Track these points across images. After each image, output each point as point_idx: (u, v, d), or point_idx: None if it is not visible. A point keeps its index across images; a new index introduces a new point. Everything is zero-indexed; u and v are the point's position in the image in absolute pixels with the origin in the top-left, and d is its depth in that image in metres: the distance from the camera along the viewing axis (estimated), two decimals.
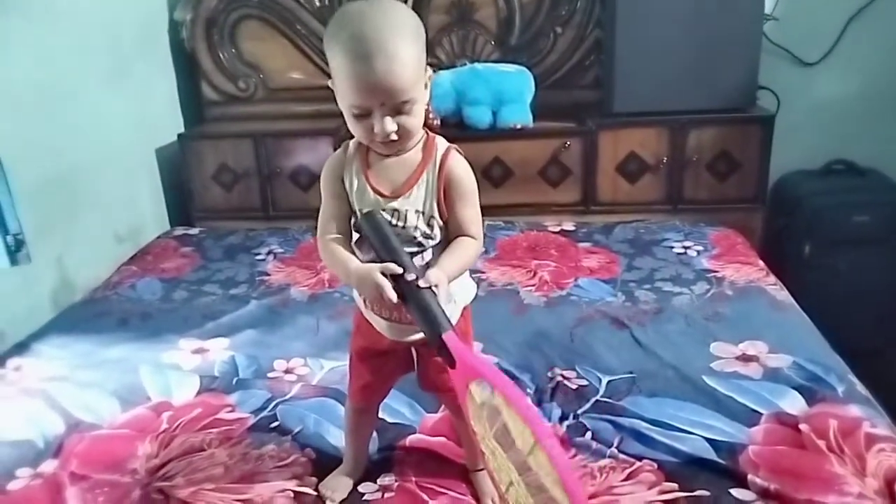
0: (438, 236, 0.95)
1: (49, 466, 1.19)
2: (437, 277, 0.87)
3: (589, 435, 1.21)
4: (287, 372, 1.46)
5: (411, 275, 0.86)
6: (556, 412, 1.28)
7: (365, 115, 0.87)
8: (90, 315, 1.77)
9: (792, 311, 1.67)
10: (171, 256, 2.14)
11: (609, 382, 1.37)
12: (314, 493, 1.10)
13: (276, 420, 1.29)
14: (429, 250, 0.95)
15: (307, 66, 2.48)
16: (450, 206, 0.93)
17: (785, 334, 1.53)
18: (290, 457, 1.19)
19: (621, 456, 1.16)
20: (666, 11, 2.09)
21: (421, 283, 0.85)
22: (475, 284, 1.06)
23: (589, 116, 2.26)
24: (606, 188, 2.26)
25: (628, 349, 1.50)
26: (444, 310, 0.86)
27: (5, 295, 1.67)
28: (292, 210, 2.35)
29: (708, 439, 1.18)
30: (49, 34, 1.85)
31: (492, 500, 1.07)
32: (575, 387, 1.35)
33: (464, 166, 0.95)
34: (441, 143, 0.95)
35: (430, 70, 0.90)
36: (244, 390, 1.39)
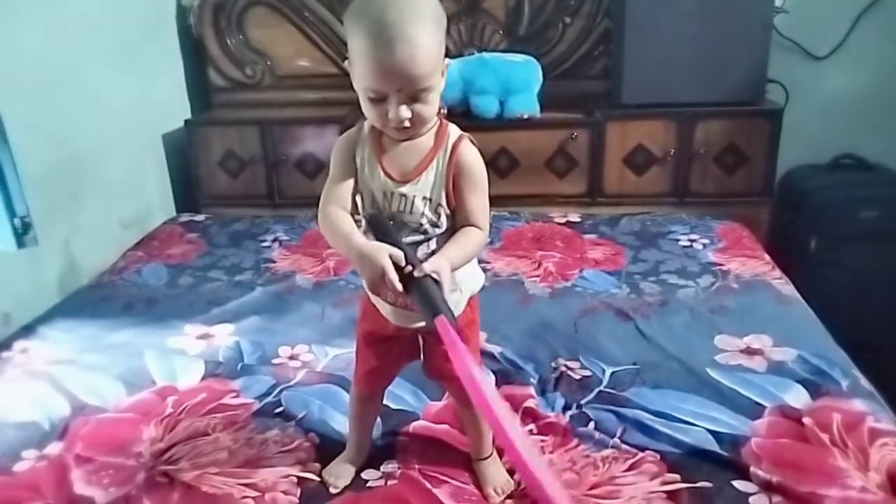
0: (445, 225, 0.94)
1: (54, 448, 1.20)
2: (439, 265, 0.86)
3: (592, 425, 1.21)
4: (292, 358, 1.47)
5: (411, 266, 0.85)
6: (560, 402, 1.28)
7: (380, 99, 0.87)
8: (96, 299, 1.77)
9: (797, 305, 1.67)
10: (177, 242, 2.14)
11: (613, 373, 1.37)
12: (317, 479, 1.11)
13: (281, 406, 1.30)
14: (434, 239, 0.94)
15: (315, 53, 2.47)
16: (458, 194, 0.93)
17: (790, 328, 1.53)
18: (294, 442, 1.19)
19: (624, 446, 1.16)
20: (676, 3, 2.07)
21: (416, 273, 0.84)
22: (483, 274, 1.06)
23: (597, 107, 2.25)
24: (613, 180, 2.26)
25: (632, 341, 1.50)
26: (443, 296, 0.85)
27: (12, 278, 1.68)
28: (298, 198, 2.35)
29: (711, 431, 1.18)
30: (56, 20, 1.84)
31: (494, 490, 1.07)
32: (579, 377, 1.36)
33: (475, 155, 0.94)
34: (454, 131, 0.95)
35: (447, 59, 0.90)
36: (249, 376, 1.40)
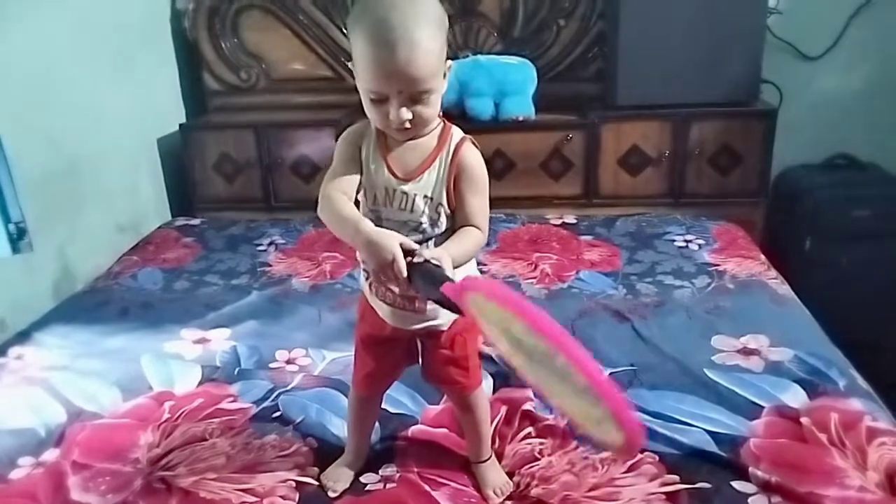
0: (444, 225, 0.95)
1: (51, 455, 1.19)
2: (439, 253, 0.86)
3: None
4: (289, 362, 1.46)
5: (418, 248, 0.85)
6: None
7: (381, 101, 0.87)
8: (92, 305, 1.77)
9: (793, 305, 1.67)
10: (173, 247, 2.14)
11: (610, 374, 1.37)
12: (316, 483, 1.11)
13: (278, 410, 1.29)
14: (433, 239, 0.95)
15: (309, 56, 2.47)
16: (459, 194, 0.93)
17: (786, 328, 1.53)
18: (292, 447, 1.19)
19: None
20: (670, 4, 2.08)
21: (416, 259, 0.84)
22: (478, 272, 1.05)
23: (591, 109, 2.25)
24: (608, 181, 2.26)
25: (629, 342, 1.50)
26: (446, 274, 0.84)
27: (7, 283, 1.67)
28: (294, 201, 2.35)
29: (709, 432, 1.19)
30: (50, 24, 1.84)
31: (493, 492, 1.07)
32: None
33: (477, 157, 0.95)
34: (456, 133, 0.95)
35: (449, 61, 0.90)
36: (246, 380, 1.39)
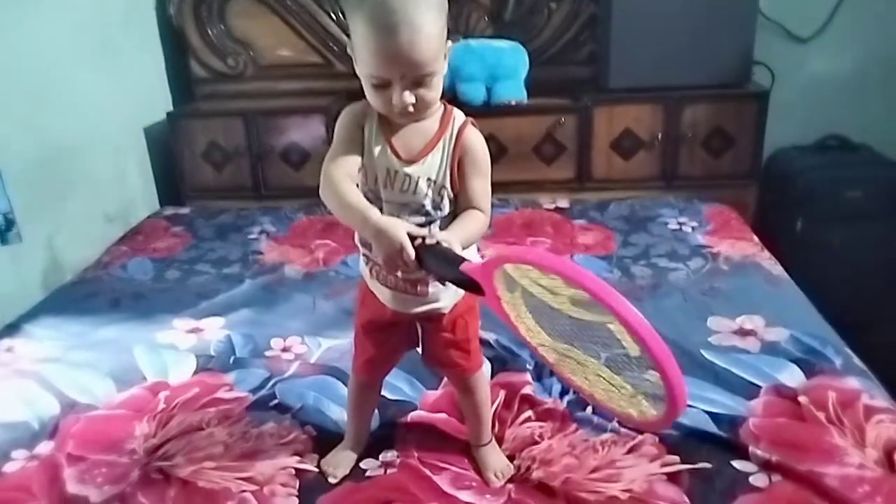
0: (447, 208, 0.94)
1: (45, 448, 1.17)
2: (446, 236, 0.86)
3: (590, 409, 1.21)
4: (285, 350, 1.45)
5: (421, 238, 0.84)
6: (557, 387, 1.27)
7: (383, 85, 0.86)
8: (81, 295, 1.74)
9: (787, 285, 1.68)
10: (162, 236, 2.11)
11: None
12: (316, 470, 1.10)
13: (275, 398, 1.28)
14: (436, 222, 0.94)
15: (298, 42, 2.44)
16: (462, 177, 0.93)
17: (781, 308, 1.53)
18: (291, 434, 1.18)
19: (622, 430, 1.16)
20: None
21: (428, 240, 0.84)
22: (481, 260, 1.04)
23: (583, 93, 2.24)
24: (601, 165, 2.25)
25: None
26: (459, 254, 0.84)
27: None
28: (284, 189, 2.33)
29: (708, 412, 1.19)
30: (34, 13, 1.80)
31: (494, 475, 1.07)
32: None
33: (480, 140, 0.94)
34: (458, 115, 0.95)
35: (449, 42, 0.89)
36: (242, 369, 1.38)
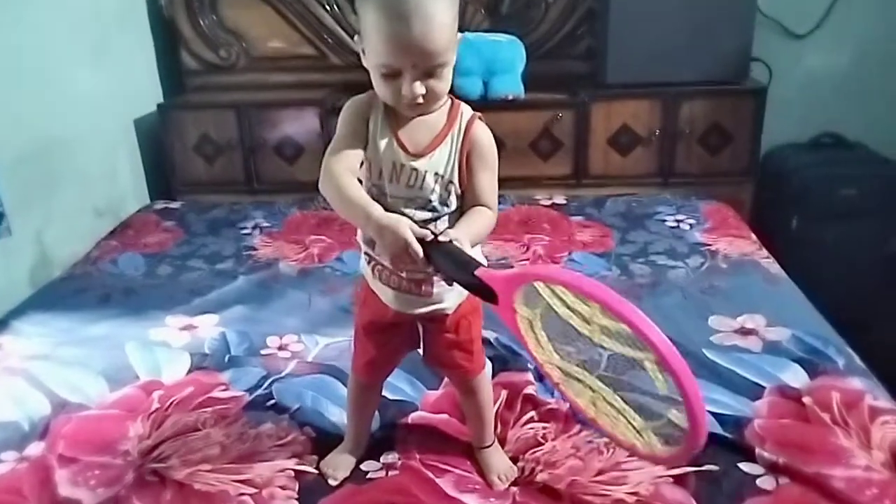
0: (454, 204, 0.92)
1: (36, 449, 1.14)
2: (457, 234, 0.84)
3: None
4: (281, 349, 1.42)
5: (432, 234, 0.83)
6: None
7: (393, 76, 0.84)
8: (71, 291, 1.70)
9: (786, 284, 1.67)
10: (153, 231, 2.07)
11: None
12: (315, 472, 1.07)
13: (273, 398, 1.25)
14: (443, 218, 0.92)
15: (291, 34, 2.40)
16: (470, 172, 0.91)
17: (781, 307, 1.53)
18: (289, 435, 1.16)
19: None
20: None
21: (441, 238, 0.82)
22: (485, 259, 1.02)
23: (580, 87, 2.22)
24: (598, 161, 2.24)
25: None
26: (470, 254, 0.83)
27: None
28: (277, 183, 2.30)
29: (713, 413, 1.17)
30: (26, 7, 1.76)
31: (497, 477, 1.05)
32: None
33: (489, 134, 0.93)
34: (466, 110, 0.93)
35: (460, 34, 0.87)
36: (237, 368, 1.35)
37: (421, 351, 1.05)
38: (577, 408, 0.85)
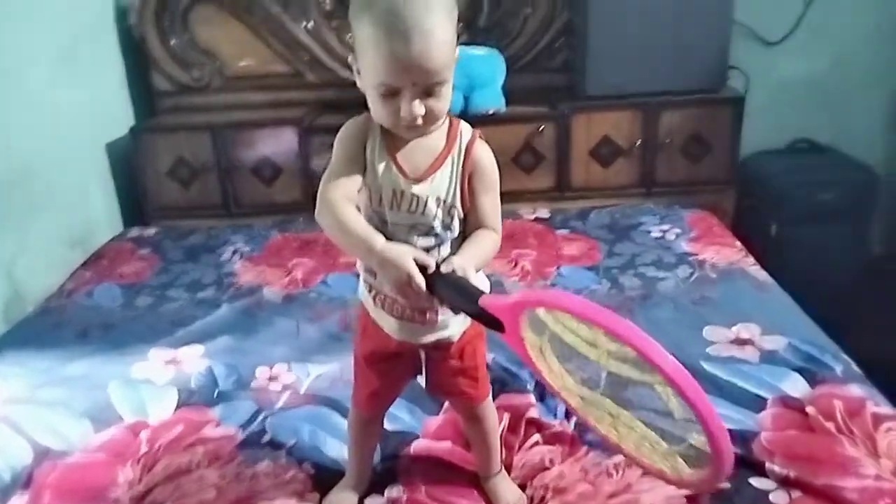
0: (457, 228, 0.89)
1: (19, 501, 1.08)
2: (461, 263, 0.81)
3: None
4: (272, 380, 1.38)
5: (433, 265, 0.80)
6: (561, 408, 1.23)
7: (391, 95, 0.81)
8: (46, 327, 1.64)
9: (776, 291, 1.68)
10: (129, 260, 2.01)
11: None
12: None
13: (267, 433, 1.21)
14: (446, 244, 0.89)
15: (266, 52, 2.35)
16: (472, 195, 0.88)
17: (774, 315, 1.53)
18: (288, 473, 1.11)
19: None
20: None
21: (443, 268, 0.80)
22: (488, 282, 1.00)
23: (559, 100, 2.22)
24: (580, 173, 2.23)
25: None
26: (474, 285, 0.80)
27: None
28: (256, 206, 2.25)
29: None
30: None
31: None
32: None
33: (490, 155, 0.90)
34: (466, 129, 0.90)
35: (457, 51, 0.84)
36: (228, 403, 1.30)
37: (422, 379, 1.02)
38: (600, 434, 0.83)
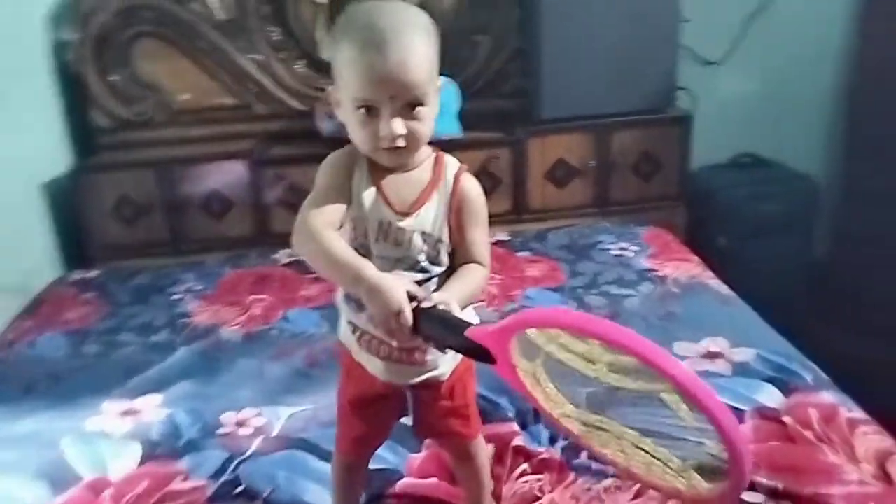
0: (445, 263, 0.87)
1: None
2: (443, 297, 0.78)
3: (585, 455, 1.15)
4: (240, 425, 1.31)
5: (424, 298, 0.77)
6: (545, 434, 1.21)
7: (371, 115, 0.79)
8: None
9: (737, 303, 1.71)
10: (72, 305, 1.89)
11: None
12: None
13: (241, 483, 1.14)
14: (434, 279, 0.86)
15: (211, 85, 2.28)
16: (460, 228, 0.86)
17: (739, 328, 1.56)
18: None
19: None
20: (589, 17, 2.09)
21: (424, 304, 0.76)
22: (477, 317, 0.96)
23: (514, 124, 2.23)
24: (536, 195, 2.25)
25: None
26: (459, 318, 0.77)
27: None
28: (206, 241, 2.17)
29: None
30: None
31: None
32: None
33: (478, 188, 0.88)
34: (451, 163, 0.88)
35: (440, 79, 0.82)
36: (195, 453, 1.23)
37: (409, 420, 0.98)
38: (608, 461, 0.80)
